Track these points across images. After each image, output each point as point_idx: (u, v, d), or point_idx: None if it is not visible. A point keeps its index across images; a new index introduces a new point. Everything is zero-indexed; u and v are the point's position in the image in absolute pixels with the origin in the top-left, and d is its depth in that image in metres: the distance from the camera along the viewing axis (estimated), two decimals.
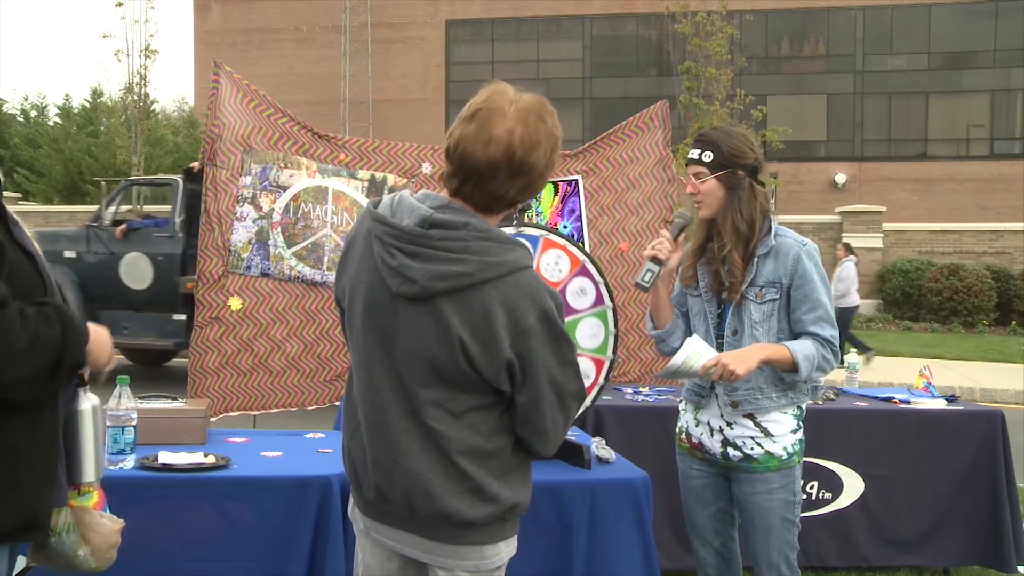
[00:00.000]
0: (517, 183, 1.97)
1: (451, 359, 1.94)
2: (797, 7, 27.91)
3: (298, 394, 4.78)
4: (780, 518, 2.90)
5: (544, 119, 1.99)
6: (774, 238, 2.88)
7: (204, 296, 4.64)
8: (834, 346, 2.83)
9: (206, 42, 30.39)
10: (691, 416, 3.06)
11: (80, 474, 2.04)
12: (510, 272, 1.93)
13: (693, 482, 3.06)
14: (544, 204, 4.99)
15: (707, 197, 2.89)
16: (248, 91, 4.80)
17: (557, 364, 1.98)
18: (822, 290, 2.85)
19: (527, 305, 1.93)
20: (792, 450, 2.91)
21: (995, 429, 4.44)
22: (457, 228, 1.93)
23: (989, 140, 28.11)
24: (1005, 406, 8.30)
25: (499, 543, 2.07)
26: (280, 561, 2.81)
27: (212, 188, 4.70)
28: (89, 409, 2.02)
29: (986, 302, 17.29)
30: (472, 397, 1.99)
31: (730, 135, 2.93)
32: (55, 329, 1.82)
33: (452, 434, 1.99)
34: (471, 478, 2.00)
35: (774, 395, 2.89)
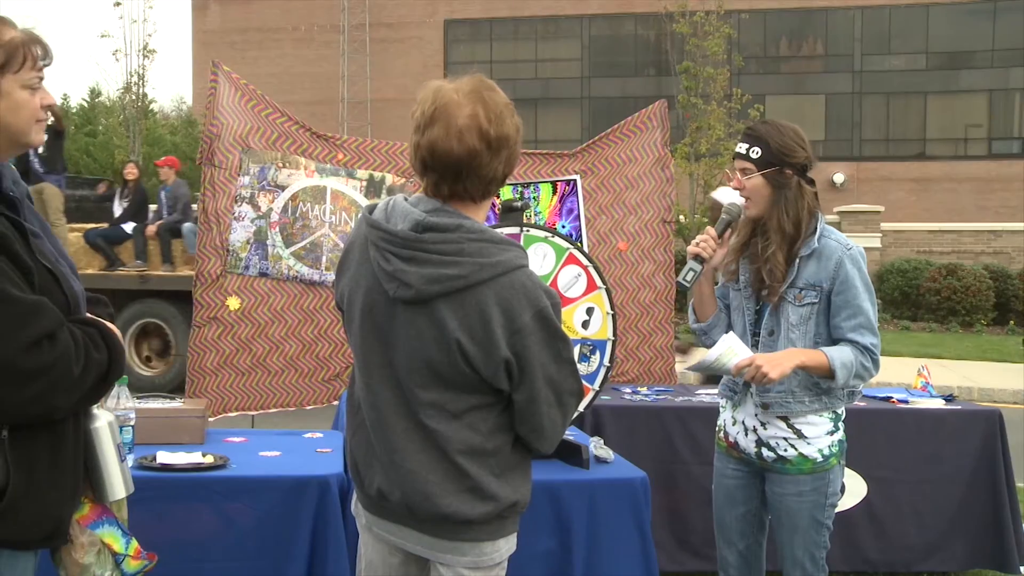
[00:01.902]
0: (500, 158, 1.98)
1: (449, 361, 1.95)
2: (795, 7, 27.92)
3: (296, 394, 4.78)
4: (808, 519, 2.86)
5: (493, 90, 2.01)
6: (818, 240, 2.79)
7: (202, 296, 4.63)
8: (874, 354, 2.76)
9: (204, 42, 30.36)
10: (729, 414, 3.01)
11: (108, 492, 2.01)
12: (504, 272, 1.94)
13: (727, 481, 3.01)
14: (543, 204, 4.99)
15: (752, 194, 2.81)
16: (246, 91, 4.79)
17: (553, 362, 1.99)
18: (864, 296, 2.76)
19: (523, 304, 1.94)
20: (829, 452, 2.85)
21: (993, 429, 4.44)
22: (450, 231, 1.95)
23: (987, 140, 28.12)
24: (1003, 405, 8.29)
25: (499, 540, 2.08)
26: (278, 561, 2.81)
27: (210, 188, 4.70)
28: (105, 425, 1.99)
29: (984, 302, 17.29)
30: (471, 397, 2.00)
31: (780, 131, 2.83)
32: (103, 353, 1.87)
33: (451, 434, 2.00)
34: (470, 477, 2.01)
35: (807, 399, 2.83)
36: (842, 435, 2.90)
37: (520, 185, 4.97)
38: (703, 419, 4.29)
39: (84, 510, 2.03)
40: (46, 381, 1.76)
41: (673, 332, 5.09)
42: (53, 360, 1.77)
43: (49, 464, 1.86)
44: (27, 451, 1.82)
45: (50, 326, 1.78)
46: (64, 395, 1.81)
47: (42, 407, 1.80)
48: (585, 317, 3.18)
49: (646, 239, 5.02)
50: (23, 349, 1.72)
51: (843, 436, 2.91)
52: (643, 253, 5.01)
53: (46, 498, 1.86)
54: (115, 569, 2.07)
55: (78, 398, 1.85)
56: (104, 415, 2.00)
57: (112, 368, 1.90)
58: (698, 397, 4.55)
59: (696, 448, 4.24)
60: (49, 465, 1.86)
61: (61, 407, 1.83)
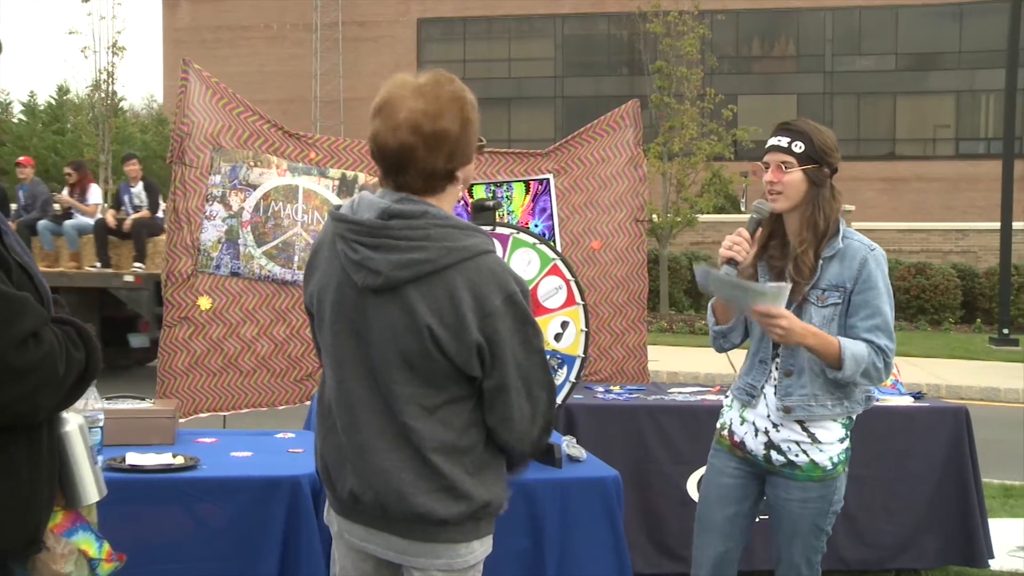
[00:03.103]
0: (440, 154, 1.97)
1: (421, 349, 1.95)
2: (767, 7, 28.13)
3: (268, 394, 4.75)
4: (810, 525, 2.82)
5: (443, 86, 2.00)
6: (841, 240, 2.76)
7: (173, 296, 4.59)
8: (887, 357, 2.70)
9: (175, 39, 30.11)
10: (736, 414, 2.92)
11: (82, 496, 1.97)
12: (472, 256, 1.95)
13: (724, 479, 2.92)
14: (515, 203, 4.99)
15: (789, 189, 2.73)
16: (218, 89, 4.76)
17: (523, 349, 1.98)
18: (885, 298, 2.73)
19: (492, 287, 1.94)
20: (837, 459, 2.81)
21: (961, 426, 4.49)
22: (416, 217, 1.95)
23: (955, 140, 28.51)
24: (970, 402, 8.41)
25: (473, 542, 2.06)
26: (250, 562, 2.79)
27: (181, 187, 4.66)
28: (76, 429, 1.95)
29: (952, 300, 17.51)
30: (444, 391, 1.99)
31: (820, 130, 2.80)
32: (81, 352, 1.84)
33: (425, 431, 1.99)
34: (444, 475, 1.99)
35: (829, 403, 2.77)
36: (849, 443, 2.86)
37: (493, 184, 4.97)
38: (676, 418, 4.31)
39: (57, 518, 1.97)
40: (34, 379, 1.74)
41: (646, 331, 5.11)
42: (40, 358, 1.74)
43: (28, 470, 1.83)
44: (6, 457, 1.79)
45: (35, 323, 1.76)
46: (49, 394, 1.78)
47: (27, 406, 1.76)
48: (559, 330, 3.17)
49: (619, 239, 5.03)
50: (13, 346, 1.70)
51: (850, 445, 2.86)
52: (616, 253, 5.02)
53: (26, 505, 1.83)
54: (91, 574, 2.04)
55: (60, 398, 1.83)
56: (74, 418, 1.96)
57: (89, 367, 1.87)
58: (670, 396, 4.57)
59: (669, 447, 4.26)
60: (28, 471, 1.83)
61: (45, 407, 1.80)
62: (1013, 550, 4.93)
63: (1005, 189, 14.39)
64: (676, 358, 11.44)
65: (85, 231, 10.62)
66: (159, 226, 10.76)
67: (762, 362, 2.86)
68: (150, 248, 10.42)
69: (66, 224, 10.42)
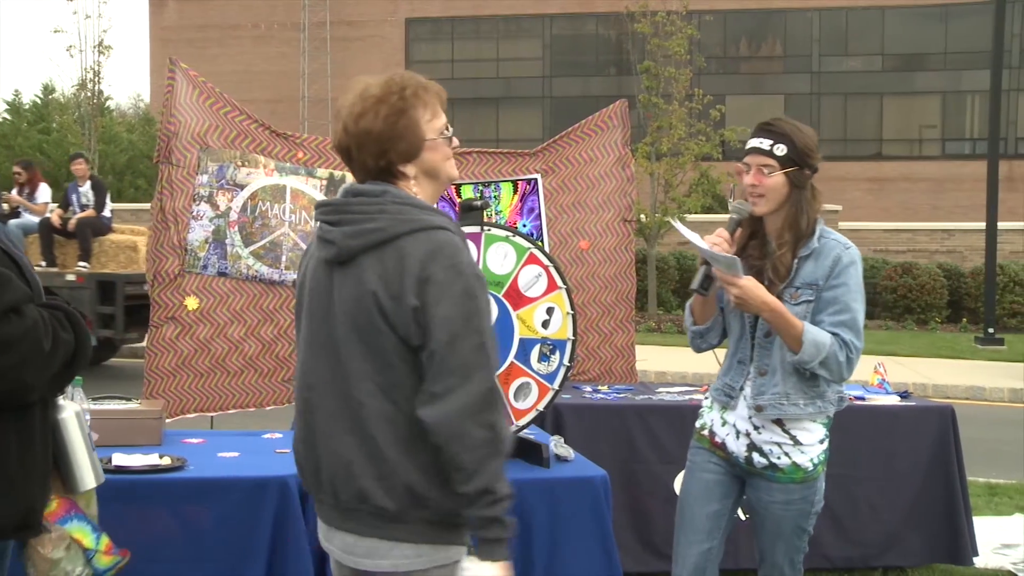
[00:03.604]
0: (369, 151, 2.05)
1: (369, 318, 1.96)
2: (755, 8, 28.21)
3: (256, 394, 4.74)
4: (792, 526, 2.82)
5: (371, 90, 2.07)
6: (818, 240, 2.75)
7: (160, 296, 4.57)
8: (851, 352, 2.67)
9: (162, 39, 29.99)
10: (717, 415, 2.91)
11: (79, 483, 2.00)
12: (425, 228, 1.98)
13: (705, 475, 2.89)
14: (503, 203, 4.99)
15: (771, 192, 2.73)
16: (205, 88, 4.74)
17: (462, 323, 1.93)
18: (855, 296, 2.71)
19: (440, 256, 1.94)
20: (818, 460, 2.80)
21: (946, 424, 4.52)
22: (376, 195, 2.03)
23: (941, 141, 28.65)
24: (956, 401, 8.46)
25: (422, 545, 1.99)
26: (238, 562, 2.79)
27: (168, 186, 4.64)
28: (72, 416, 2.00)
29: (938, 300, 17.60)
30: (394, 368, 1.97)
31: (801, 130, 2.78)
32: (69, 333, 1.90)
33: (375, 409, 1.98)
34: (387, 460, 1.96)
35: (801, 402, 2.76)
36: (828, 443, 2.86)
37: (481, 184, 4.97)
38: (664, 418, 4.32)
39: (52, 506, 2.02)
40: (17, 352, 1.76)
41: (634, 331, 5.12)
42: (22, 332, 1.78)
43: (18, 454, 1.86)
44: None
45: (16, 298, 1.79)
46: (35, 371, 1.81)
47: (12, 383, 1.79)
48: (545, 317, 3.17)
49: (607, 239, 5.03)
50: None
51: (828, 446, 2.86)
52: (604, 253, 5.03)
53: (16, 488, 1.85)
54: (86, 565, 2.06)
55: (48, 377, 1.85)
56: (71, 405, 2.01)
57: (79, 351, 1.91)
58: (658, 396, 4.58)
59: (657, 447, 4.27)
60: (18, 455, 1.86)
61: (32, 385, 1.82)
62: (998, 548, 4.97)
63: (990, 189, 14.47)
64: (664, 358, 11.47)
65: (31, 230, 10.64)
66: (105, 225, 10.82)
67: (740, 363, 2.86)
68: (95, 247, 10.48)
69: (11, 223, 10.45)
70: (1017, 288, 17.19)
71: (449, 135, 2.14)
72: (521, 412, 3.19)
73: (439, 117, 2.11)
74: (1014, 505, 5.92)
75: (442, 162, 2.12)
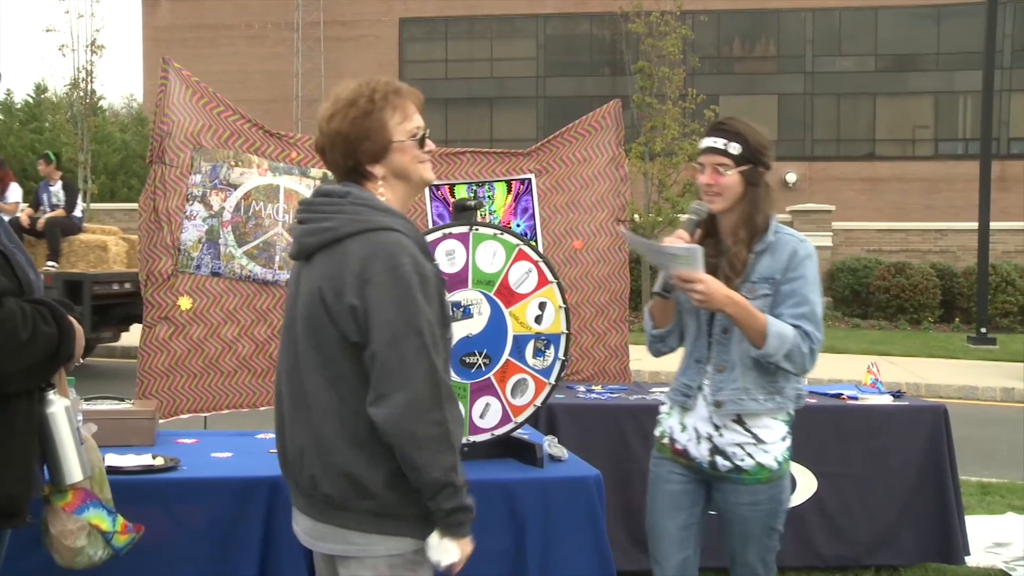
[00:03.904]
0: (339, 151, 2.16)
1: (315, 312, 2.07)
2: (748, 8, 28.25)
3: (249, 394, 4.73)
4: (762, 527, 2.81)
5: (343, 94, 2.17)
6: (772, 235, 2.78)
7: (153, 296, 4.56)
8: (813, 343, 2.68)
9: (155, 38, 29.90)
10: (676, 420, 2.90)
11: (66, 476, 2.06)
12: (374, 229, 2.05)
13: (670, 487, 2.89)
14: (497, 203, 5.00)
15: (726, 191, 2.75)
16: (198, 88, 4.73)
17: (403, 326, 1.99)
18: (813, 288, 2.73)
19: (379, 258, 2.02)
20: (782, 458, 2.80)
21: (939, 424, 4.53)
22: (339, 196, 2.14)
23: (934, 141, 28.71)
24: (948, 401, 8.49)
25: (370, 535, 2.06)
26: (230, 562, 2.78)
27: (161, 186, 4.63)
28: (62, 410, 2.06)
29: (931, 300, 17.66)
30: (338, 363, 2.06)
31: (755, 129, 2.80)
32: (52, 326, 1.94)
33: (321, 400, 2.07)
34: (331, 451, 2.06)
35: (761, 397, 2.76)
36: (791, 443, 2.86)
37: (474, 184, 4.98)
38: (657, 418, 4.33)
39: (67, 497, 2.13)
40: None
41: (627, 331, 5.12)
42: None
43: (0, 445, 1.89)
44: None
45: None
46: (11, 359, 1.84)
47: None
48: (538, 312, 3.17)
49: (601, 239, 5.04)
50: None
51: (791, 444, 2.86)
52: (598, 253, 5.04)
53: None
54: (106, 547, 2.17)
55: (26, 367, 1.89)
56: (60, 400, 2.05)
57: (63, 344, 1.95)
58: (652, 395, 4.59)
59: (650, 446, 4.26)
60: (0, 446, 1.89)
61: (8, 372, 1.86)
62: (990, 546, 4.99)
63: (983, 189, 14.51)
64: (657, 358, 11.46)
65: None
66: (75, 225, 10.89)
67: (698, 361, 2.85)
68: (65, 247, 10.53)
69: None
70: (1009, 288, 17.25)
71: (419, 137, 2.19)
72: (519, 408, 3.19)
73: (411, 120, 2.19)
74: (1006, 504, 5.94)
75: (411, 164, 2.18)
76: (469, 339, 3.09)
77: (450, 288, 3.05)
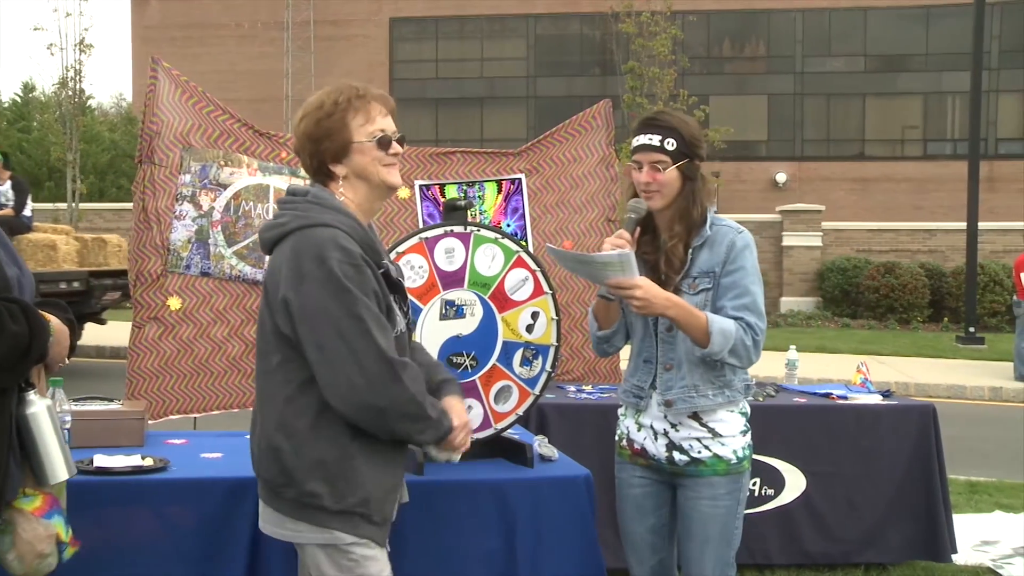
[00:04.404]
0: (306, 151, 2.30)
1: (262, 305, 2.23)
2: (738, 8, 28.31)
3: (239, 395, 4.72)
4: (721, 527, 2.75)
5: (314, 98, 2.30)
6: (709, 228, 2.75)
7: (142, 296, 4.55)
8: (757, 334, 2.66)
9: (144, 37, 29.79)
10: (632, 421, 2.88)
11: (49, 475, 2.05)
12: (311, 226, 2.17)
13: (633, 491, 2.88)
14: (488, 203, 5.00)
15: (665, 187, 2.71)
16: (187, 88, 4.71)
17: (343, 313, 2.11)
18: (752, 279, 2.70)
19: (311, 253, 2.13)
20: (743, 454, 2.77)
21: (928, 423, 4.55)
22: (299, 195, 2.28)
23: (923, 141, 28.83)
24: (937, 400, 8.52)
25: (299, 523, 2.19)
26: (219, 563, 2.77)
27: (150, 186, 4.61)
28: (43, 410, 2.04)
29: (920, 299, 17.73)
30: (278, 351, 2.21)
31: (687, 122, 2.77)
32: (21, 326, 1.92)
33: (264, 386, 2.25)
34: (266, 437, 2.21)
35: (710, 393, 2.73)
36: (751, 439, 2.82)
37: (465, 184, 4.97)
38: None
39: (36, 502, 2.06)
40: None
41: None
42: None
43: None
44: None
45: None
46: None
47: None
48: (530, 321, 3.15)
49: (591, 238, 5.04)
50: None
51: (751, 440, 2.83)
52: (587, 252, 5.04)
53: None
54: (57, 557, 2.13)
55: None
56: (41, 401, 2.03)
57: (34, 343, 1.94)
58: None
59: None
60: None
61: None
62: (978, 545, 5.01)
63: (971, 190, 14.58)
64: None
65: None
66: (24, 225, 10.98)
67: (647, 361, 2.83)
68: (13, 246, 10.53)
69: None
70: (997, 288, 17.33)
71: (380, 139, 2.26)
72: (501, 415, 3.18)
73: (373, 123, 2.26)
74: (994, 503, 5.97)
75: (371, 165, 2.27)
76: (459, 339, 3.08)
77: (446, 286, 3.06)
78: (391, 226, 4.74)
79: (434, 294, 3.05)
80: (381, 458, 2.23)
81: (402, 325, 2.31)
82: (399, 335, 2.28)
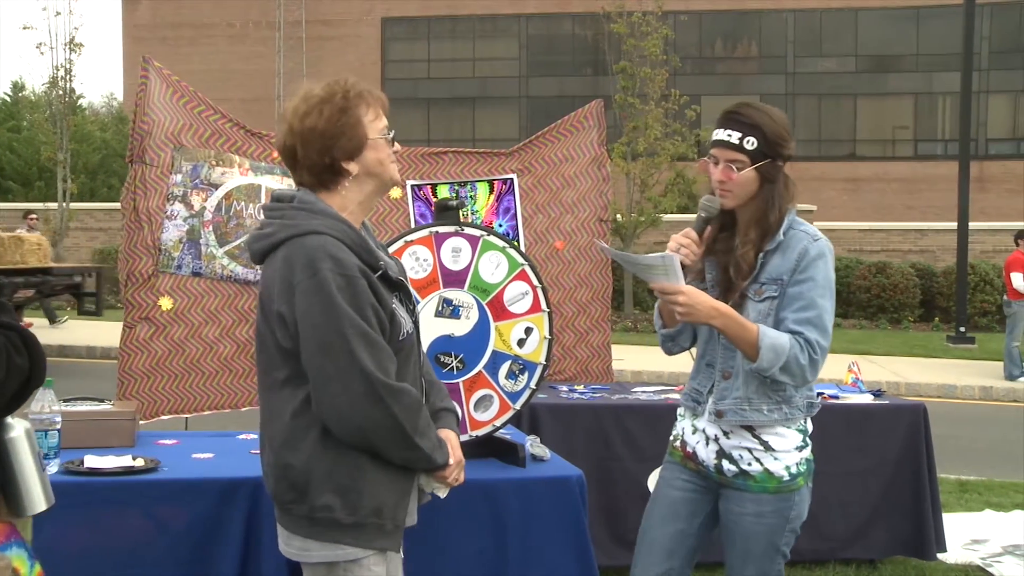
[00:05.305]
0: (314, 148, 2.13)
1: (259, 318, 2.15)
2: (730, 8, 28.37)
3: (231, 395, 4.71)
4: (764, 544, 2.56)
5: (315, 92, 2.17)
6: (784, 232, 2.52)
7: (133, 296, 4.53)
8: (815, 352, 2.43)
9: (135, 37, 29.72)
10: (688, 423, 2.70)
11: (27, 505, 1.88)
12: (301, 234, 2.08)
13: (673, 493, 2.68)
14: (479, 203, 5.00)
15: (740, 188, 2.49)
16: (178, 87, 4.70)
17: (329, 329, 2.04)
18: (822, 292, 2.47)
19: (302, 263, 2.06)
20: (797, 471, 2.54)
21: (918, 422, 4.57)
22: (285, 201, 2.17)
23: (913, 142, 28.94)
24: (928, 399, 8.56)
25: (308, 540, 2.11)
26: (210, 564, 2.77)
27: (141, 186, 4.59)
28: (23, 435, 1.87)
29: (911, 299, 17.79)
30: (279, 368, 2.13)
31: (772, 117, 2.51)
32: (24, 358, 1.79)
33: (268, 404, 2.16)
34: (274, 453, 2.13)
35: (765, 408, 2.52)
36: (810, 453, 2.60)
37: (457, 184, 4.97)
38: (640, 417, 4.35)
39: None
40: None
41: (610, 330, 5.13)
42: None
43: None
44: None
45: None
46: None
47: None
48: (523, 335, 3.14)
49: (583, 238, 5.04)
50: None
51: (811, 455, 2.61)
52: (580, 252, 5.04)
53: None
54: None
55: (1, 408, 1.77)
56: (20, 424, 1.89)
57: (34, 375, 1.81)
58: (634, 395, 4.60)
59: (632, 445, 4.29)
60: None
61: None
62: (968, 543, 5.03)
63: (961, 190, 14.63)
64: (640, 357, 11.51)
65: None
66: None
67: (708, 365, 2.65)
68: None
69: None
70: (988, 288, 17.40)
71: (389, 137, 2.20)
72: (478, 424, 3.15)
73: (381, 119, 2.19)
74: (984, 501, 5.99)
75: (383, 162, 2.20)
76: (450, 339, 3.08)
77: (447, 284, 3.06)
78: (383, 226, 4.74)
79: (434, 289, 3.05)
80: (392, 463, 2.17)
81: (408, 326, 2.21)
82: (406, 336, 2.19)
